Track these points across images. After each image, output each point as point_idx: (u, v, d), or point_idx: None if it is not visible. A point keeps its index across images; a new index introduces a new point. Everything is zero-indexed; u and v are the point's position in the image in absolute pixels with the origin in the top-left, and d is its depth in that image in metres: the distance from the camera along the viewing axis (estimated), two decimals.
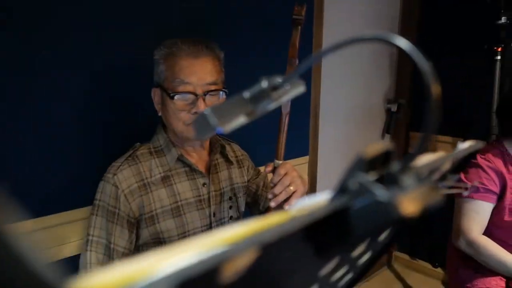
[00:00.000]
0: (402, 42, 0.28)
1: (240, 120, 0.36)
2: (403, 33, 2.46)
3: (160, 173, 0.96)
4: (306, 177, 1.91)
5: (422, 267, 2.58)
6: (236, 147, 1.16)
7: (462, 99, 2.30)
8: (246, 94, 0.37)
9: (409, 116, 2.55)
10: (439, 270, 2.50)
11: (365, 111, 2.38)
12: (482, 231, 1.34)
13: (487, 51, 1.86)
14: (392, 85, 2.52)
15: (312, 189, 1.97)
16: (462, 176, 1.39)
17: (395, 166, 0.28)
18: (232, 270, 0.18)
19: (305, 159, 1.89)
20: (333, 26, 1.97)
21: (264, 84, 0.36)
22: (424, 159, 0.35)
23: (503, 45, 1.81)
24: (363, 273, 0.48)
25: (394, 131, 2.58)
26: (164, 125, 1.00)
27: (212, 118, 0.33)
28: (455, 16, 2.26)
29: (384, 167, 0.28)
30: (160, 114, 0.98)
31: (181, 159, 0.98)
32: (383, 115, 2.53)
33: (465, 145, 0.45)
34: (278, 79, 0.37)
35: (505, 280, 1.33)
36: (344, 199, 0.27)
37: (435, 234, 2.48)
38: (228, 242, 0.18)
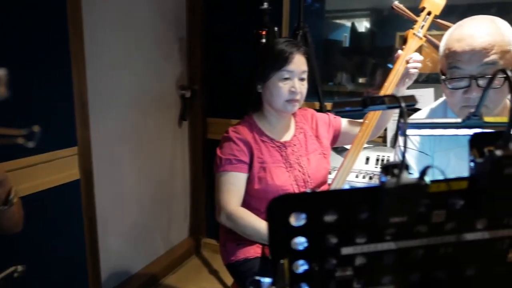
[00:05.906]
0: None
1: None
2: (191, 19, 2.45)
3: None
4: (76, 170, 1.70)
5: None
6: None
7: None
8: None
9: (204, 102, 2.57)
10: None
11: (156, 98, 2.28)
12: (240, 202, 1.37)
13: (256, 35, 1.96)
14: (184, 71, 2.48)
15: (88, 180, 1.77)
16: (218, 151, 1.39)
17: None
18: None
19: (72, 150, 1.67)
20: (99, 4, 1.80)
21: None
22: None
23: (267, 29, 1.92)
24: None
25: (190, 118, 2.56)
26: None
27: None
28: (232, 3, 2.36)
29: None
30: None
31: None
32: (178, 101, 2.48)
33: None
34: None
35: (261, 247, 1.39)
36: None
37: None
38: None
